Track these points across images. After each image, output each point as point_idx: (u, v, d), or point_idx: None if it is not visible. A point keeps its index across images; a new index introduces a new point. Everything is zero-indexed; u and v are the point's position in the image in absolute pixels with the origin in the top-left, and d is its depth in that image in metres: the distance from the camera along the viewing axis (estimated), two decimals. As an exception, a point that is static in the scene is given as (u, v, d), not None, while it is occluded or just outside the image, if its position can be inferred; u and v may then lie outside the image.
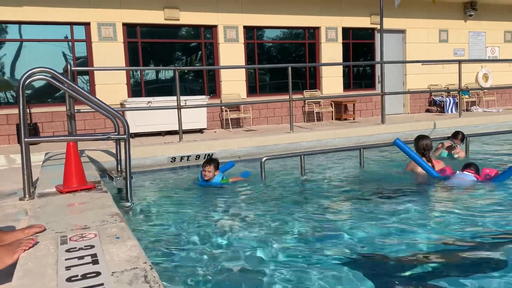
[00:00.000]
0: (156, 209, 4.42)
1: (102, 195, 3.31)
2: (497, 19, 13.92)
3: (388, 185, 5.22)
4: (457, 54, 13.46)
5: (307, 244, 3.34)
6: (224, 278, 2.80)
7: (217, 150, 6.87)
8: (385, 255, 3.14)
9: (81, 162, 3.61)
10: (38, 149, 7.03)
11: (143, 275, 1.79)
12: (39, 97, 9.55)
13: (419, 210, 4.16)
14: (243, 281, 2.77)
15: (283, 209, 4.32)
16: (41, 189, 3.63)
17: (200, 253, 3.20)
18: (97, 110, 4.53)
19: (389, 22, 11.68)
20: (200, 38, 10.69)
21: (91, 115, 9.21)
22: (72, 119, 5.48)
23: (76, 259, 1.97)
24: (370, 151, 6.92)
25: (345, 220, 3.97)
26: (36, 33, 9.19)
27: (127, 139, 4.24)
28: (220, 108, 10.57)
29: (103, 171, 5.65)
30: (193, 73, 11.05)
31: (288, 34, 11.78)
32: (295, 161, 6.10)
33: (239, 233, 3.64)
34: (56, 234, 2.38)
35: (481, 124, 8.99)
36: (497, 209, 4.13)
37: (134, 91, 10.10)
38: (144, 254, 2.03)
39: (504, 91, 14.19)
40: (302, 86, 11.80)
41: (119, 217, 2.68)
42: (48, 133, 9.13)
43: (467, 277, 2.76)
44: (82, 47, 9.57)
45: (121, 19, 9.61)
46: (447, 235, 3.51)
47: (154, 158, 6.51)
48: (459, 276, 2.81)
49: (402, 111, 12.93)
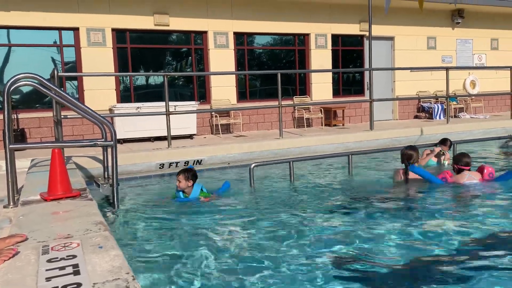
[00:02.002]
0: (143, 217, 4.38)
1: (87, 203, 3.27)
2: (484, 27, 14.12)
3: (376, 192, 5.25)
4: (445, 61, 13.61)
5: (295, 252, 3.33)
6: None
7: (206, 156, 6.85)
8: (376, 262, 3.14)
9: (66, 169, 3.57)
10: (25, 155, 6.94)
11: (125, 286, 1.76)
12: (27, 102, 9.45)
13: (408, 217, 4.18)
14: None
15: (272, 216, 4.31)
16: (25, 196, 3.58)
17: (185, 263, 3.17)
18: (84, 116, 4.49)
19: (378, 29, 11.78)
20: (190, 44, 10.68)
21: (80, 121, 9.13)
22: (58, 125, 5.43)
23: (57, 270, 1.94)
24: (359, 157, 6.95)
25: (334, 227, 3.96)
26: (24, 38, 9.11)
27: (114, 145, 4.20)
28: (210, 114, 10.55)
29: (90, 177, 5.60)
30: (183, 78, 11.03)
31: (278, 40, 11.82)
32: (285, 167, 6.10)
33: (226, 241, 3.62)
34: (38, 243, 2.35)
35: (467, 131, 9.09)
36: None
37: (124, 97, 10.04)
38: (127, 264, 2.00)
39: (491, 98, 14.37)
40: (292, 92, 11.84)
41: (104, 226, 2.65)
42: (36, 139, 9.03)
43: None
44: (70, 52, 9.51)
45: (110, 25, 9.57)
46: (438, 242, 3.53)
47: (143, 164, 6.47)
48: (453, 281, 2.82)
49: (391, 117, 13.02)
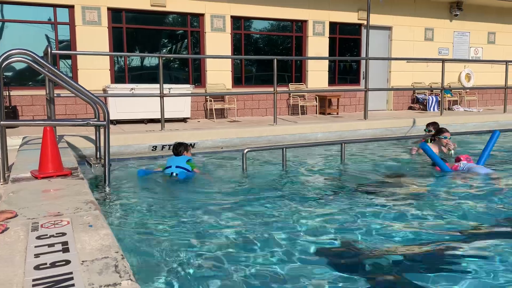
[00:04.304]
0: (133, 197, 4.39)
1: (78, 182, 3.27)
2: (481, 20, 14.10)
3: (368, 180, 5.29)
4: (442, 53, 13.61)
5: (285, 239, 3.35)
6: (197, 271, 2.80)
7: (199, 140, 6.84)
8: (369, 249, 3.18)
9: (57, 148, 3.55)
10: (16, 133, 6.89)
11: (114, 265, 1.77)
12: (20, 79, 9.33)
13: (397, 205, 4.22)
14: (218, 275, 2.77)
15: (263, 201, 4.33)
16: (15, 174, 3.57)
17: (175, 244, 3.18)
18: (77, 95, 4.46)
19: (376, 19, 11.72)
20: (187, 26, 10.56)
21: (72, 100, 9.05)
22: (51, 103, 5.38)
23: (46, 247, 1.94)
24: (352, 146, 6.99)
25: (325, 215, 3.99)
26: (18, 14, 8.95)
27: (107, 125, 4.18)
28: (205, 98, 10.50)
29: (82, 157, 5.58)
30: (178, 61, 10.93)
31: (276, 26, 11.73)
32: (278, 154, 6.12)
33: (217, 224, 3.64)
34: (27, 220, 2.35)
35: (461, 123, 9.14)
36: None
37: (118, 77, 9.95)
38: (116, 243, 2.01)
39: (485, 92, 14.42)
40: (288, 79, 11.79)
41: (94, 205, 2.65)
42: (28, 116, 8.95)
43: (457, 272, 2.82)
44: (65, 31, 9.37)
45: (106, 3, 9.43)
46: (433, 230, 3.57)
47: (135, 145, 6.45)
48: (449, 271, 2.86)
49: (385, 108, 13.04)
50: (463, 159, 5.43)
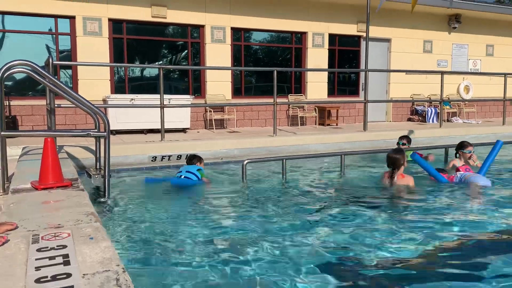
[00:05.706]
0: (134, 209, 4.37)
1: (79, 193, 3.26)
2: (480, 33, 14.21)
3: (367, 192, 5.28)
4: (440, 65, 13.69)
5: (283, 250, 3.34)
6: (199, 284, 2.78)
7: (199, 150, 6.83)
8: (365, 262, 3.16)
9: (58, 159, 3.55)
10: (16, 143, 6.88)
11: (115, 278, 1.76)
12: (20, 89, 9.35)
13: (398, 217, 4.21)
14: (218, 286, 2.75)
15: (262, 213, 4.32)
16: (15, 184, 3.56)
17: (176, 256, 3.16)
18: (77, 106, 4.47)
19: (375, 31, 11.80)
20: (187, 37, 10.63)
21: (73, 110, 9.06)
22: (51, 113, 5.38)
23: (47, 259, 1.93)
24: (352, 157, 6.98)
25: (324, 227, 3.98)
26: (19, 24, 9.00)
27: (107, 136, 4.18)
28: (204, 108, 10.52)
29: (82, 168, 5.57)
30: (178, 72, 10.97)
31: (276, 37, 11.81)
32: (277, 164, 6.11)
33: (217, 236, 3.62)
34: (28, 232, 2.33)
35: (460, 136, 9.15)
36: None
37: (118, 88, 9.98)
38: (117, 256, 2.00)
39: (484, 104, 14.48)
40: (287, 90, 11.84)
41: (95, 217, 2.64)
42: (28, 126, 8.95)
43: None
44: (66, 41, 9.42)
45: (107, 14, 9.49)
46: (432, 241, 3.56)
47: (135, 156, 6.44)
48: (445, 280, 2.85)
49: (384, 119, 13.07)
50: (462, 170, 5.42)
